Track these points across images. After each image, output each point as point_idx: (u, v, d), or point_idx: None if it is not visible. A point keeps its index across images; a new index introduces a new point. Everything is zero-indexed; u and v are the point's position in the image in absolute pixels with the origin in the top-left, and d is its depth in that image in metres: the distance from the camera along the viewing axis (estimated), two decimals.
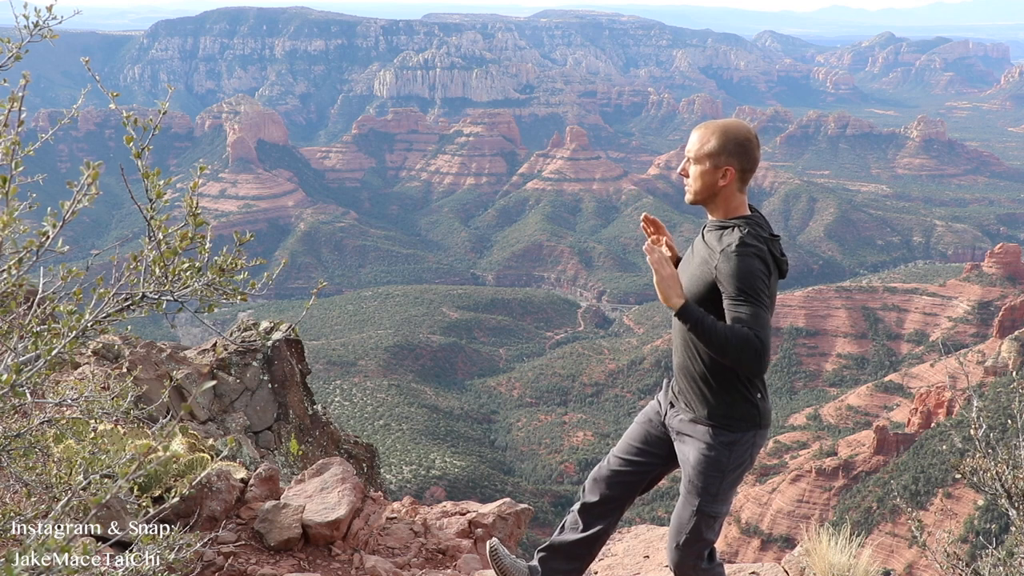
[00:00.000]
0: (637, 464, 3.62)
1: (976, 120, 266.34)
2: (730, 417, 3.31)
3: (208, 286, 2.57)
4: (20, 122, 2.38)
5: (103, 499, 2.49)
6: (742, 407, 3.31)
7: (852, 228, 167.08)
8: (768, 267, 3.15)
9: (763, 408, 3.34)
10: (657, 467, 3.63)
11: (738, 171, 3.23)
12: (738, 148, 3.22)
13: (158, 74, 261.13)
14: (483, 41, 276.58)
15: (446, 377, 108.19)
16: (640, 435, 3.64)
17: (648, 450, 3.61)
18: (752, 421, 3.33)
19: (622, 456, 3.65)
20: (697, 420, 3.37)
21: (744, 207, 3.30)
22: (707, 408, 3.33)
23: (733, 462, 3.34)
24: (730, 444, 3.32)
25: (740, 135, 3.23)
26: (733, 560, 5.53)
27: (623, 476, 3.63)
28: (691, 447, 3.39)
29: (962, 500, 63.35)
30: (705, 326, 3.09)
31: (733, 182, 3.24)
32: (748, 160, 3.24)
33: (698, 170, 3.26)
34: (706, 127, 3.31)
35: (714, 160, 3.23)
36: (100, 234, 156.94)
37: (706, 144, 3.25)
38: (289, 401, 8.74)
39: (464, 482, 74.25)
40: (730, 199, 3.27)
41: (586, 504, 3.69)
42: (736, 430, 3.32)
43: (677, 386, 3.47)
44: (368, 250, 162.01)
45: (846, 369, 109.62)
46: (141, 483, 4.18)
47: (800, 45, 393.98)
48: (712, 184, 3.25)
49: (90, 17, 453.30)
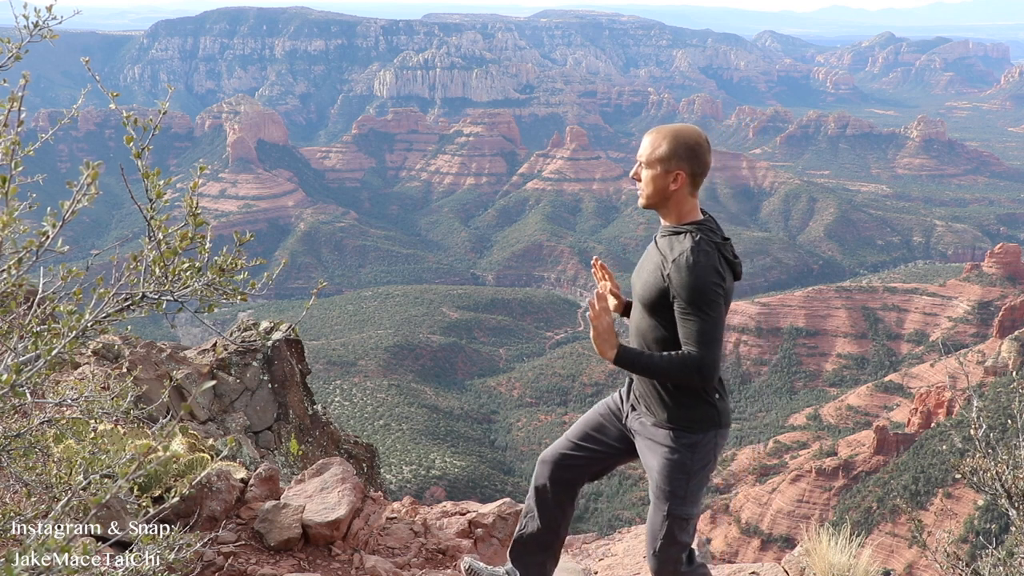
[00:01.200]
0: (587, 449, 3.68)
1: (976, 120, 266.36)
2: (691, 419, 3.37)
3: (208, 286, 2.57)
4: (20, 122, 2.38)
5: (103, 499, 2.49)
6: (702, 409, 3.36)
7: (852, 228, 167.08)
8: (721, 273, 3.20)
9: (722, 408, 3.40)
10: (607, 457, 3.69)
11: (689, 175, 3.27)
12: (688, 152, 3.25)
13: (158, 74, 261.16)
14: (483, 41, 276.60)
15: (446, 377, 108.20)
16: (596, 424, 3.70)
17: (601, 439, 3.67)
18: (712, 422, 3.38)
19: (574, 440, 3.71)
20: (658, 424, 3.42)
21: (696, 212, 3.35)
22: (667, 411, 3.39)
23: (697, 463, 3.39)
24: (692, 446, 3.37)
25: (691, 140, 3.27)
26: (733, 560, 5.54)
27: (572, 459, 3.69)
28: (654, 453, 3.44)
29: (962, 500, 63.36)
30: (642, 364, 3.25)
31: (684, 186, 3.28)
32: (699, 164, 3.28)
33: (649, 174, 3.30)
34: (657, 132, 3.33)
35: (665, 164, 3.26)
36: (100, 234, 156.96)
37: (657, 149, 3.28)
38: (289, 401, 8.74)
39: (464, 482, 74.26)
40: (682, 203, 3.31)
41: (537, 488, 3.74)
42: (697, 431, 3.37)
43: (638, 390, 3.53)
44: (368, 250, 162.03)
45: (846, 369, 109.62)
46: (141, 483, 4.18)
47: (800, 45, 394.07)
48: (664, 188, 3.29)
49: (90, 17, 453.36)
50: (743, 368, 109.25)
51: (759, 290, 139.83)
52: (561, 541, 3.84)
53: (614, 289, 3.67)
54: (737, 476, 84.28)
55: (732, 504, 76.75)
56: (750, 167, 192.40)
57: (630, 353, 3.28)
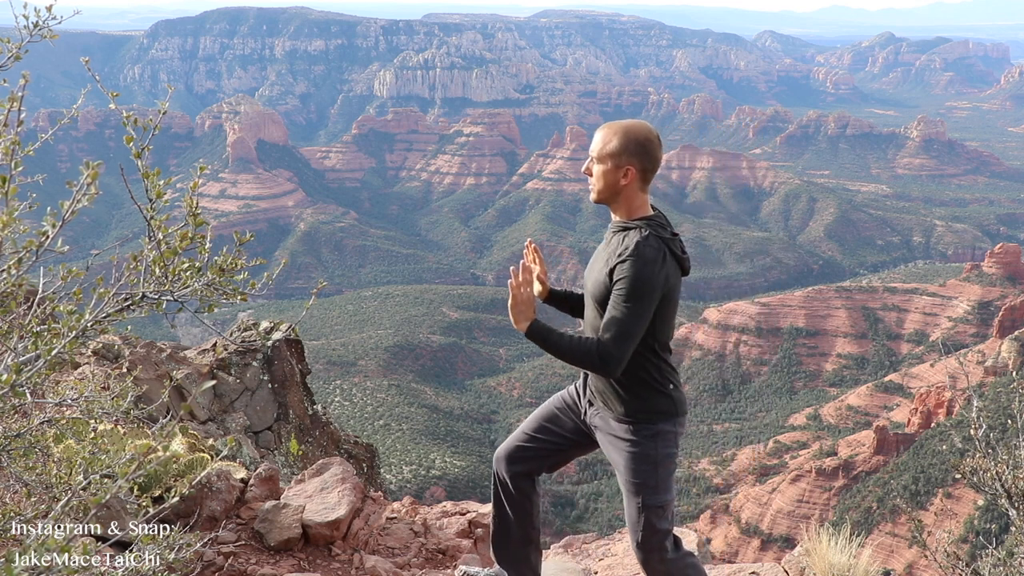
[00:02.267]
0: (542, 441, 3.70)
1: (976, 120, 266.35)
2: (648, 411, 3.40)
3: (208, 286, 2.57)
4: (20, 122, 2.38)
5: (103, 499, 2.49)
6: (658, 400, 3.40)
7: (852, 228, 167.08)
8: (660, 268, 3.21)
9: (677, 398, 3.44)
10: (563, 448, 3.71)
11: (639, 171, 3.30)
12: (639, 148, 3.28)
13: (158, 74, 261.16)
14: (483, 41, 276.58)
15: (446, 377, 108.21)
16: (550, 416, 3.73)
17: (556, 431, 3.70)
18: (669, 412, 3.42)
19: (529, 432, 3.74)
20: (617, 418, 3.45)
21: (646, 207, 3.37)
22: (624, 405, 3.41)
23: (661, 452, 3.41)
24: (654, 436, 3.40)
25: (641, 135, 3.29)
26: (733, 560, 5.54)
27: (527, 451, 3.71)
28: (617, 448, 3.47)
29: (962, 500, 63.36)
30: (550, 342, 3.30)
31: (634, 182, 3.31)
32: (649, 160, 3.30)
33: (600, 169, 3.33)
34: (608, 127, 3.36)
35: (615, 160, 3.29)
36: (100, 234, 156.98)
37: (608, 144, 3.30)
38: (289, 401, 8.74)
39: (464, 482, 74.26)
40: (632, 199, 3.34)
41: (499, 485, 3.77)
42: (657, 421, 3.41)
43: (593, 385, 3.55)
44: (368, 250, 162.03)
45: (846, 369, 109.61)
46: (141, 483, 4.18)
47: (800, 45, 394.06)
48: (614, 183, 3.32)
49: (90, 17, 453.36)
50: (743, 368, 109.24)
51: (759, 290, 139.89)
52: (537, 530, 3.85)
53: (541, 275, 3.68)
54: (737, 476, 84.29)
55: (732, 504, 76.74)
56: (750, 167, 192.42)
57: (542, 328, 3.33)
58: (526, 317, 3.36)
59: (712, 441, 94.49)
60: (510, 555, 3.85)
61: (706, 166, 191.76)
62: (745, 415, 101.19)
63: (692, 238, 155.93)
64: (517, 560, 3.85)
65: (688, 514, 75.39)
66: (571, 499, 79.27)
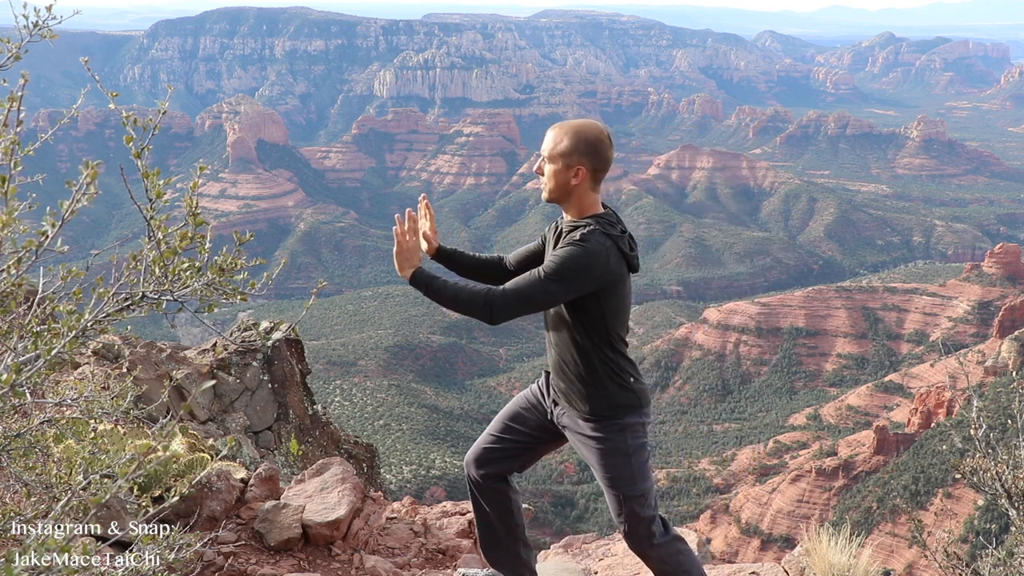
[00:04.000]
0: (508, 441, 3.72)
1: (976, 120, 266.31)
2: (612, 407, 3.41)
3: (208, 286, 2.57)
4: (19, 122, 2.38)
5: (103, 499, 2.49)
6: (621, 395, 3.41)
7: (852, 228, 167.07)
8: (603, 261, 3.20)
9: (639, 390, 3.45)
10: (530, 447, 3.73)
11: (590, 170, 3.31)
12: (589, 148, 3.29)
13: (158, 74, 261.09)
14: (483, 41, 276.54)
15: (446, 377, 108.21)
16: (514, 415, 3.74)
17: (522, 430, 3.71)
18: (632, 405, 3.43)
19: (494, 434, 3.75)
20: (583, 416, 3.46)
21: (597, 206, 3.39)
22: (588, 403, 3.43)
23: (631, 444, 3.43)
24: (622, 429, 3.42)
25: (591, 135, 3.31)
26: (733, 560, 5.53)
27: (495, 452, 3.74)
28: (588, 446, 3.49)
29: (962, 500, 63.36)
30: (434, 287, 3.27)
31: (585, 181, 3.32)
32: (599, 160, 3.31)
33: (552, 169, 3.35)
34: (560, 127, 3.39)
35: (566, 159, 3.30)
36: (100, 234, 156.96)
37: (559, 144, 3.33)
38: (289, 401, 8.74)
39: (464, 482, 74.11)
40: (583, 198, 3.36)
41: (475, 488, 3.81)
42: (621, 416, 3.42)
43: (556, 386, 3.55)
44: (368, 250, 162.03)
45: (846, 369, 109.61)
46: (141, 483, 4.18)
47: (800, 45, 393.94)
48: (565, 183, 3.34)
49: (90, 17, 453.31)
50: (743, 368, 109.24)
51: (759, 290, 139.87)
52: (522, 527, 3.87)
53: (429, 232, 3.62)
54: (737, 476, 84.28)
55: (732, 504, 76.74)
56: (750, 167, 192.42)
57: (426, 275, 3.32)
58: (411, 264, 3.35)
59: (712, 441, 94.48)
60: (501, 555, 3.87)
61: (706, 166, 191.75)
62: (745, 415, 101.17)
63: (692, 238, 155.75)
64: (509, 559, 3.87)
65: (688, 514, 75.37)
66: (571, 499, 79.27)
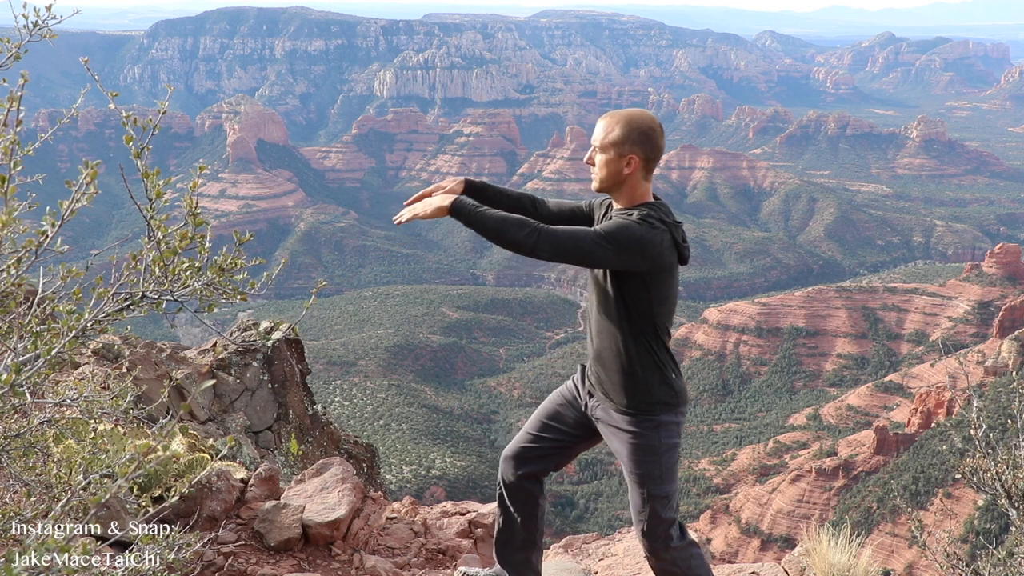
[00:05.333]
0: (546, 440, 3.68)
1: (976, 120, 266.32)
2: (650, 402, 3.38)
3: (208, 286, 2.57)
4: (19, 122, 2.38)
5: (103, 499, 2.49)
6: (660, 390, 3.38)
7: (852, 228, 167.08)
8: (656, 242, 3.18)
9: (678, 387, 3.42)
10: (569, 444, 3.69)
11: (642, 160, 3.28)
12: (642, 137, 3.26)
13: (158, 74, 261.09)
14: (483, 41, 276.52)
15: (446, 377, 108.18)
16: (551, 413, 3.71)
17: (558, 427, 3.68)
18: (671, 403, 3.40)
19: (532, 432, 3.71)
20: (619, 409, 3.43)
21: (648, 195, 3.35)
22: (627, 396, 3.39)
23: (664, 442, 3.40)
24: (657, 427, 3.39)
25: (644, 124, 3.28)
26: (733, 560, 5.54)
27: (533, 452, 3.69)
28: (620, 439, 3.45)
29: (962, 500, 63.36)
30: (477, 214, 3.16)
31: (637, 170, 3.29)
32: (652, 149, 3.29)
33: (603, 159, 3.31)
34: (611, 116, 3.33)
35: (618, 149, 3.27)
36: (100, 234, 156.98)
37: (610, 133, 3.28)
38: (289, 401, 8.74)
39: (464, 482, 74.25)
40: (635, 187, 3.33)
41: (506, 486, 3.75)
42: (659, 412, 3.39)
43: (594, 376, 3.51)
44: (368, 250, 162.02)
45: (846, 369, 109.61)
46: (141, 483, 4.18)
47: (800, 45, 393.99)
48: (617, 172, 3.30)
49: (90, 17, 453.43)
50: (743, 368, 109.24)
51: (759, 290, 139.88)
52: (541, 532, 3.85)
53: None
54: (737, 476, 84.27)
55: (732, 504, 76.74)
56: (750, 167, 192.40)
57: (468, 202, 3.21)
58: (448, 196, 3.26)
59: (712, 441, 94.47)
60: (512, 557, 3.85)
61: (706, 166, 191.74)
62: (745, 415, 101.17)
63: (692, 238, 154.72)
64: (519, 562, 3.85)
65: (688, 514, 75.35)
66: (571, 499, 79.27)
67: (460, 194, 3.39)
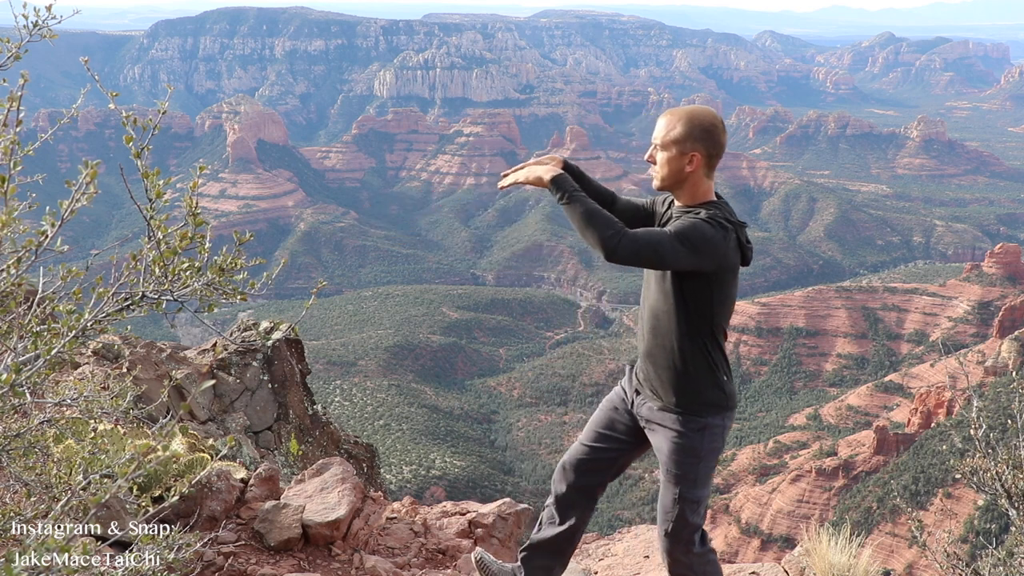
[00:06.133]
0: (603, 451, 3.63)
1: (976, 120, 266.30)
2: (699, 403, 3.34)
3: (208, 286, 2.57)
4: (19, 121, 2.38)
5: (103, 499, 2.49)
6: (710, 392, 3.34)
7: (852, 228, 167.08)
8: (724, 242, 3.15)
9: (729, 391, 3.38)
10: (624, 452, 3.65)
11: (704, 157, 3.24)
12: (704, 134, 3.22)
13: (158, 74, 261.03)
14: (483, 41, 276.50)
15: (446, 377, 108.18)
16: (605, 421, 3.65)
17: (613, 436, 3.62)
18: (720, 405, 3.36)
19: (587, 444, 3.66)
20: (666, 408, 3.38)
21: (711, 193, 3.31)
22: (675, 395, 3.35)
23: (707, 446, 3.37)
24: (701, 429, 3.35)
25: (706, 121, 3.24)
26: (733, 560, 5.53)
27: (590, 464, 3.64)
28: (663, 436, 3.41)
29: (962, 500, 63.35)
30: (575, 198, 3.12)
31: (700, 168, 3.25)
32: (714, 146, 3.25)
33: (665, 156, 3.27)
34: (672, 114, 3.29)
35: (680, 146, 3.23)
36: (100, 234, 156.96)
37: (672, 130, 3.24)
38: (289, 401, 8.74)
39: (464, 482, 74.25)
40: (697, 185, 3.29)
41: (558, 496, 3.70)
42: (706, 415, 3.35)
43: (643, 373, 3.48)
44: (368, 250, 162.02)
45: (846, 369, 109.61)
46: (141, 483, 4.18)
47: (800, 45, 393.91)
48: (679, 170, 3.26)
49: (90, 17, 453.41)
50: (743, 368, 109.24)
51: (759, 290, 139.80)
52: (574, 547, 3.80)
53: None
54: (737, 476, 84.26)
55: (732, 504, 76.74)
56: (750, 167, 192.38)
57: (569, 182, 3.20)
58: (551, 168, 3.26)
59: None
60: (535, 560, 3.79)
61: None
62: (745, 415, 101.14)
63: None
64: (539, 568, 3.79)
65: None
66: None
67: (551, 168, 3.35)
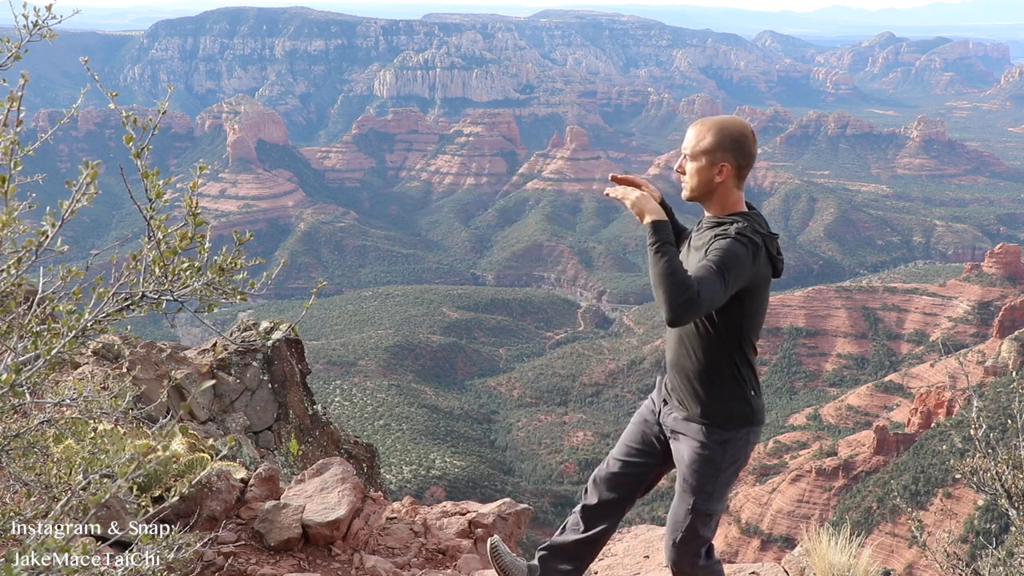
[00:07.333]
0: (635, 466, 3.60)
1: (976, 120, 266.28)
2: (724, 415, 3.30)
3: (208, 286, 2.57)
4: (19, 122, 2.38)
5: (103, 499, 2.49)
6: (736, 405, 3.30)
7: (852, 228, 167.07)
8: (755, 259, 3.09)
9: (756, 405, 3.34)
10: (655, 467, 3.62)
11: (734, 167, 3.20)
12: (734, 144, 3.18)
13: (158, 74, 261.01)
14: (483, 41, 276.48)
15: (446, 377, 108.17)
16: (636, 436, 3.62)
17: (645, 450, 3.59)
18: (746, 419, 3.32)
19: (620, 458, 3.62)
20: (691, 418, 3.35)
21: (741, 203, 3.27)
22: (700, 406, 3.32)
23: (728, 460, 3.34)
24: (724, 442, 3.32)
25: (736, 131, 3.19)
26: (733, 560, 5.53)
27: (622, 479, 3.61)
28: (685, 446, 3.38)
29: (962, 500, 63.35)
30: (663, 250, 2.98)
31: (730, 178, 3.21)
32: (744, 156, 3.21)
33: (694, 167, 3.23)
34: (702, 123, 3.24)
35: (710, 156, 3.19)
36: (100, 234, 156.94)
37: (702, 140, 3.20)
38: (289, 401, 8.74)
39: (464, 482, 74.24)
40: (727, 195, 3.24)
41: (587, 506, 3.68)
42: (730, 428, 3.31)
43: (670, 383, 3.45)
44: (368, 250, 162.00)
45: (846, 369, 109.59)
46: (141, 483, 4.18)
47: (800, 45, 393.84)
48: (709, 180, 3.22)
49: (90, 17, 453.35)
50: None
51: None
52: (593, 557, 3.78)
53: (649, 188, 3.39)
54: (737, 476, 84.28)
55: (732, 504, 76.73)
56: None
57: (667, 232, 3.04)
58: (655, 211, 3.08)
59: None
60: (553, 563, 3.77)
61: None
62: None
63: None
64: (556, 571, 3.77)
65: None
66: (571, 499, 79.24)
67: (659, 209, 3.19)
